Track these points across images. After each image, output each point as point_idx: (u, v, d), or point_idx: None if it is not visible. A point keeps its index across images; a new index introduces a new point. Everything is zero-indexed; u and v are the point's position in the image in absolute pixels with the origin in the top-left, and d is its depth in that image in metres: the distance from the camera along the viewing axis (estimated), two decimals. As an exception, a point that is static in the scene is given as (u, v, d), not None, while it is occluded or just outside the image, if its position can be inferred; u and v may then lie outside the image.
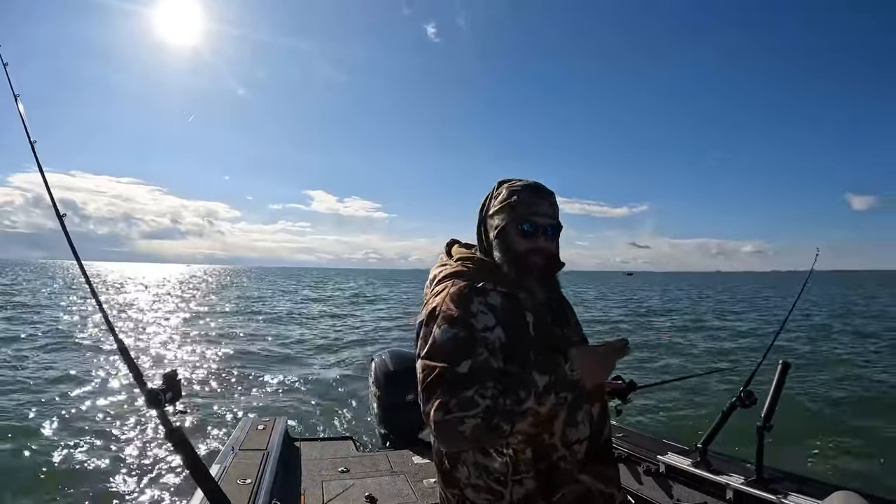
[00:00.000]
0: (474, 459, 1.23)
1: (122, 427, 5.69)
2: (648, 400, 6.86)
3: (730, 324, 17.42)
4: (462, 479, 1.26)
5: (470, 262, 1.33)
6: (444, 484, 1.32)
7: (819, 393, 7.36)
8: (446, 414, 1.10)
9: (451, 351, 1.16)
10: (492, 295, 1.23)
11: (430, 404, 1.13)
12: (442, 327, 1.18)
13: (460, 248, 1.42)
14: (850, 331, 14.55)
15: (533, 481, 1.21)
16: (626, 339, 1.23)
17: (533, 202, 1.28)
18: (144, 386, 1.42)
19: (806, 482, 2.07)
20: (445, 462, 1.29)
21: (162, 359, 10.00)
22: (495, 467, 1.21)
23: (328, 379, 8.52)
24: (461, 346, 1.16)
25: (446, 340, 1.17)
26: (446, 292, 1.24)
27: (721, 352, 11.49)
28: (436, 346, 1.17)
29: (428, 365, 1.17)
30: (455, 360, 1.15)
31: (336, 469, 2.85)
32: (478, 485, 1.23)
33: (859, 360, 9.89)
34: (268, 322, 17.22)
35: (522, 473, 1.20)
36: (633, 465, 2.57)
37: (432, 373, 1.15)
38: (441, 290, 1.27)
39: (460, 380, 1.13)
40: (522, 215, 1.27)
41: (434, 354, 1.17)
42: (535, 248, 1.27)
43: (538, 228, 1.27)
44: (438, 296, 1.26)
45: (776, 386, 2.16)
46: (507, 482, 1.21)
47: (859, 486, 1.79)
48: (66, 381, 7.88)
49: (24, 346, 10.99)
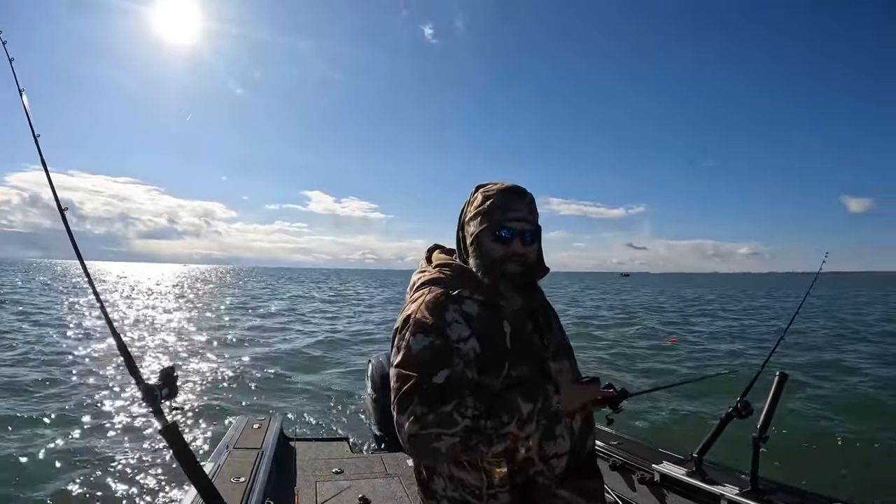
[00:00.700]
0: (450, 472, 1.21)
1: (116, 422, 5.68)
2: (643, 408, 6.85)
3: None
4: (438, 491, 1.24)
5: (448, 269, 1.30)
6: (422, 494, 1.30)
7: (815, 404, 7.34)
8: (423, 428, 1.08)
9: (426, 360, 1.13)
10: (467, 303, 1.21)
11: (404, 416, 1.10)
12: (416, 336, 1.15)
13: (441, 255, 1.39)
14: (849, 337, 14.51)
15: (508, 496, 1.19)
16: (614, 389, 1.34)
17: (508, 207, 1.24)
18: (141, 382, 1.42)
19: (801, 494, 2.06)
20: (423, 472, 1.28)
21: (158, 356, 9.99)
22: (471, 481, 1.19)
23: (324, 379, 8.51)
24: (437, 355, 1.13)
25: (422, 349, 1.14)
26: (422, 300, 1.22)
27: (733, 354, 11.43)
28: (410, 354, 1.14)
29: (402, 374, 1.14)
30: (431, 371, 1.12)
31: (330, 470, 2.84)
32: (454, 497, 1.21)
33: (857, 369, 9.88)
34: (264, 321, 17.20)
35: (498, 488, 1.18)
36: (628, 473, 2.57)
37: (407, 383, 1.12)
38: (417, 297, 1.24)
39: (437, 392, 1.10)
40: (498, 221, 1.23)
41: (409, 363, 1.14)
42: (512, 254, 1.23)
43: (514, 234, 1.23)
44: (414, 303, 1.23)
45: (773, 397, 2.16)
46: (483, 496, 1.18)
47: (855, 500, 1.79)
48: (63, 376, 7.88)
49: (22, 343, 10.98)
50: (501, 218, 1.23)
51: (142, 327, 14.09)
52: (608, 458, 2.65)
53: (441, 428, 1.07)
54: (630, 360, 10.93)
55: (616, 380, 1.43)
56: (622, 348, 12.52)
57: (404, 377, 1.13)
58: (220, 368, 8.94)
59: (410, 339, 1.16)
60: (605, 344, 13.21)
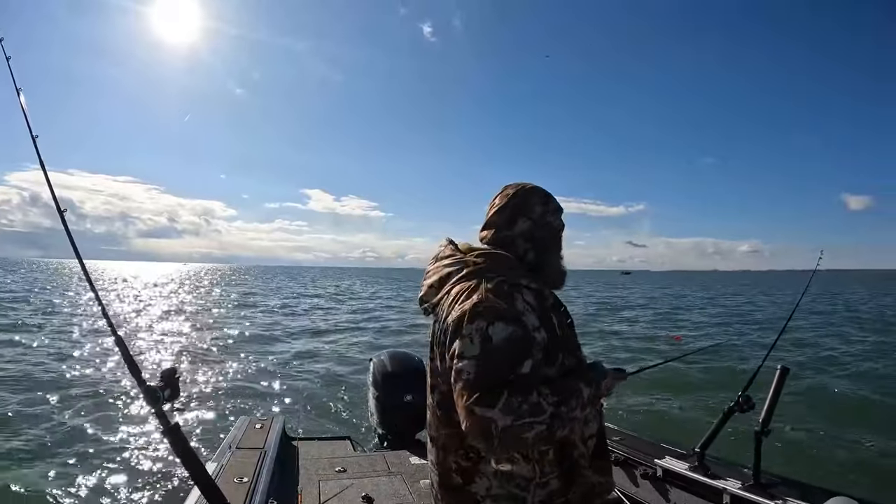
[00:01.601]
0: (495, 469, 1.17)
1: (119, 424, 5.69)
2: (646, 403, 6.87)
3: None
4: (480, 493, 1.19)
5: (500, 258, 1.25)
6: (455, 500, 1.23)
7: (817, 398, 7.35)
8: (517, 419, 1.02)
9: (511, 350, 1.08)
10: (525, 292, 1.18)
11: (495, 409, 1.02)
12: (495, 324, 1.08)
13: (467, 245, 1.35)
14: (849, 334, 14.53)
15: (557, 481, 1.19)
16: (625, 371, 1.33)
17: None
18: (143, 383, 1.42)
19: (803, 488, 2.07)
20: (457, 477, 1.21)
21: (160, 356, 9.99)
22: (521, 473, 1.17)
23: (327, 379, 8.51)
24: (521, 345, 1.09)
25: (504, 339, 1.07)
26: (484, 288, 1.14)
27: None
28: (492, 344, 1.07)
29: (485, 365, 1.06)
30: (518, 360, 1.08)
31: (333, 469, 2.85)
32: (499, 494, 1.18)
33: (858, 365, 9.88)
34: (265, 321, 17.20)
35: (548, 475, 1.18)
36: (631, 468, 2.57)
37: (493, 373, 1.05)
38: (471, 286, 1.17)
39: (524, 382, 1.06)
40: (560, 239, 1.37)
41: (492, 353, 1.07)
42: (565, 272, 1.36)
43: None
44: (475, 292, 1.14)
45: (774, 391, 2.16)
46: (530, 486, 1.17)
47: (856, 493, 1.79)
48: (65, 376, 7.89)
49: (22, 341, 10.99)
50: (560, 238, 1.39)
51: (142, 328, 14.09)
52: (610, 454, 2.65)
53: (533, 417, 1.03)
54: (634, 354, 10.96)
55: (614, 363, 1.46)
56: (628, 343, 12.56)
57: (489, 368, 1.06)
58: (222, 369, 8.95)
59: (488, 329, 1.08)
60: (610, 338, 13.25)
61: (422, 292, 1.32)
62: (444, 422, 1.21)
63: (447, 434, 1.21)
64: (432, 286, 1.28)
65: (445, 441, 1.22)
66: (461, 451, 1.19)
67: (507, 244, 1.30)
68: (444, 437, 1.23)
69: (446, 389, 1.15)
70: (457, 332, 1.11)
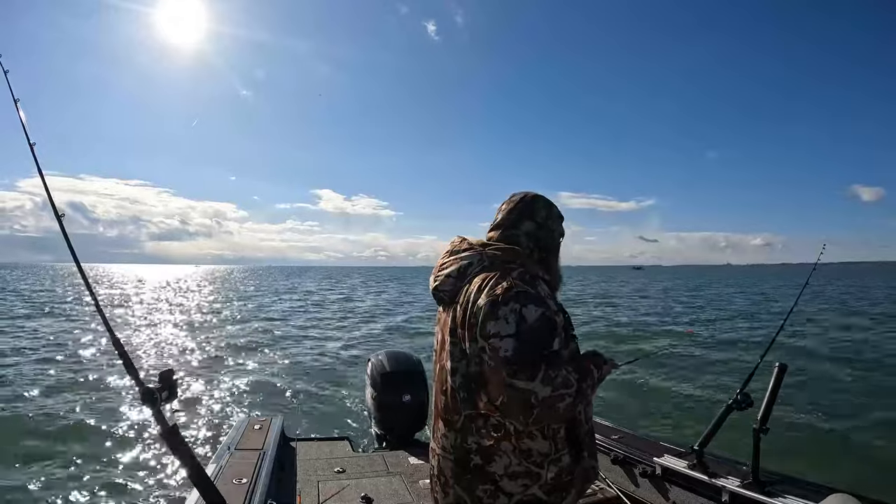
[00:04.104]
0: (516, 446, 1.24)
1: (117, 426, 5.67)
2: (644, 403, 6.88)
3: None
4: (498, 472, 1.25)
5: (511, 252, 1.36)
6: (472, 482, 1.28)
7: (815, 395, 7.37)
8: (554, 390, 1.13)
9: (544, 328, 1.19)
10: (541, 282, 1.30)
11: (535, 381, 1.12)
12: (528, 306, 1.19)
13: (480, 241, 1.44)
14: (849, 328, 14.55)
15: (568, 457, 1.27)
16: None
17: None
18: (141, 384, 1.42)
19: (802, 485, 2.07)
20: (476, 458, 1.27)
21: (159, 357, 9.97)
22: (539, 449, 1.24)
23: (325, 379, 8.50)
24: (550, 323, 1.21)
25: (537, 318, 1.18)
26: (511, 276, 1.24)
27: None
28: (527, 324, 1.17)
29: (524, 341, 1.16)
30: (550, 337, 1.20)
31: (332, 469, 2.85)
32: (516, 472, 1.24)
33: (857, 362, 9.91)
34: (266, 321, 17.17)
35: (560, 451, 1.26)
36: (629, 467, 2.58)
37: (531, 350, 1.16)
38: (495, 275, 1.26)
39: (556, 356, 1.19)
40: (559, 246, 1.45)
41: (529, 332, 1.17)
42: (562, 277, 1.44)
43: None
44: (503, 279, 1.24)
45: (772, 388, 2.17)
46: (545, 463, 1.24)
47: (855, 489, 1.80)
48: (62, 379, 7.87)
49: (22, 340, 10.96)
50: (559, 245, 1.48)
51: (142, 328, 14.06)
52: (609, 453, 2.65)
53: (565, 388, 1.15)
54: (633, 345, 10.95)
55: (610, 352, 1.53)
56: (644, 335, 12.58)
57: (528, 344, 1.16)
58: (221, 369, 8.93)
59: (523, 310, 1.18)
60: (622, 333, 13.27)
61: (437, 283, 1.38)
62: (467, 403, 1.28)
63: (468, 416, 1.28)
64: (450, 276, 1.35)
65: (465, 423, 1.28)
66: (483, 429, 1.26)
67: (512, 242, 1.38)
68: (464, 419, 1.29)
69: (474, 370, 1.25)
70: (491, 314, 1.19)
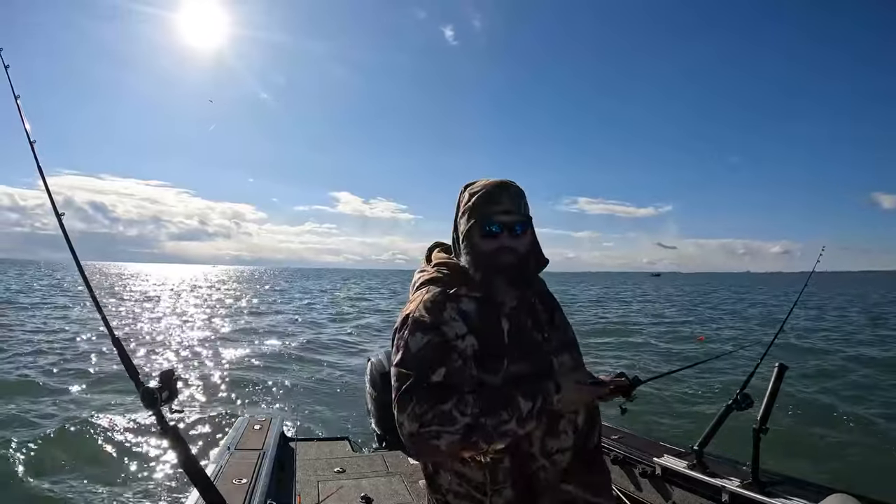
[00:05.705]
0: (453, 468, 1.22)
1: (117, 426, 5.66)
2: (644, 402, 6.87)
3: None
4: (444, 486, 1.25)
5: (445, 268, 1.30)
6: (429, 488, 1.31)
7: (815, 395, 7.37)
8: (422, 426, 1.09)
9: (424, 358, 1.14)
10: (464, 301, 1.23)
11: (404, 414, 1.11)
12: (415, 334, 1.17)
13: (440, 254, 1.39)
14: (850, 331, 14.56)
15: (511, 491, 1.19)
16: (626, 378, 1.24)
17: (493, 201, 1.24)
18: (141, 385, 1.42)
19: (802, 485, 2.07)
20: (429, 466, 1.29)
21: (159, 357, 9.96)
22: (474, 477, 1.20)
23: (325, 379, 8.50)
24: (435, 353, 1.15)
25: (420, 348, 1.15)
26: (420, 299, 1.24)
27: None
28: (409, 353, 1.16)
29: (402, 373, 1.15)
30: (429, 368, 1.13)
31: (332, 469, 2.84)
32: (459, 492, 1.22)
33: (857, 360, 9.91)
34: (266, 322, 17.17)
35: (501, 483, 1.18)
36: (629, 467, 2.58)
37: (406, 381, 1.13)
38: (416, 297, 1.26)
39: (436, 389, 1.11)
40: (484, 216, 1.24)
41: (407, 361, 1.15)
42: (501, 247, 1.23)
43: (502, 227, 1.23)
44: (412, 303, 1.25)
45: (772, 388, 2.17)
46: (487, 491, 1.19)
47: (855, 489, 1.79)
48: (62, 379, 7.86)
49: (23, 341, 10.95)
50: (487, 212, 1.24)
51: (143, 329, 14.05)
52: (609, 453, 2.66)
53: (441, 426, 1.08)
54: (657, 356, 10.96)
55: (633, 368, 1.43)
56: (653, 343, 12.58)
57: (403, 376, 1.14)
58: (220, 370, 8.92)
59: (409, 338, 1.17)
60: (637, 339, 13.26)
61: None
62: None
63: None
64: (411, 292, 1.37)
65: None
66: None
67: (453, 245, 1.35)
68: None
69: None
70: (392, 340, 1.23)
